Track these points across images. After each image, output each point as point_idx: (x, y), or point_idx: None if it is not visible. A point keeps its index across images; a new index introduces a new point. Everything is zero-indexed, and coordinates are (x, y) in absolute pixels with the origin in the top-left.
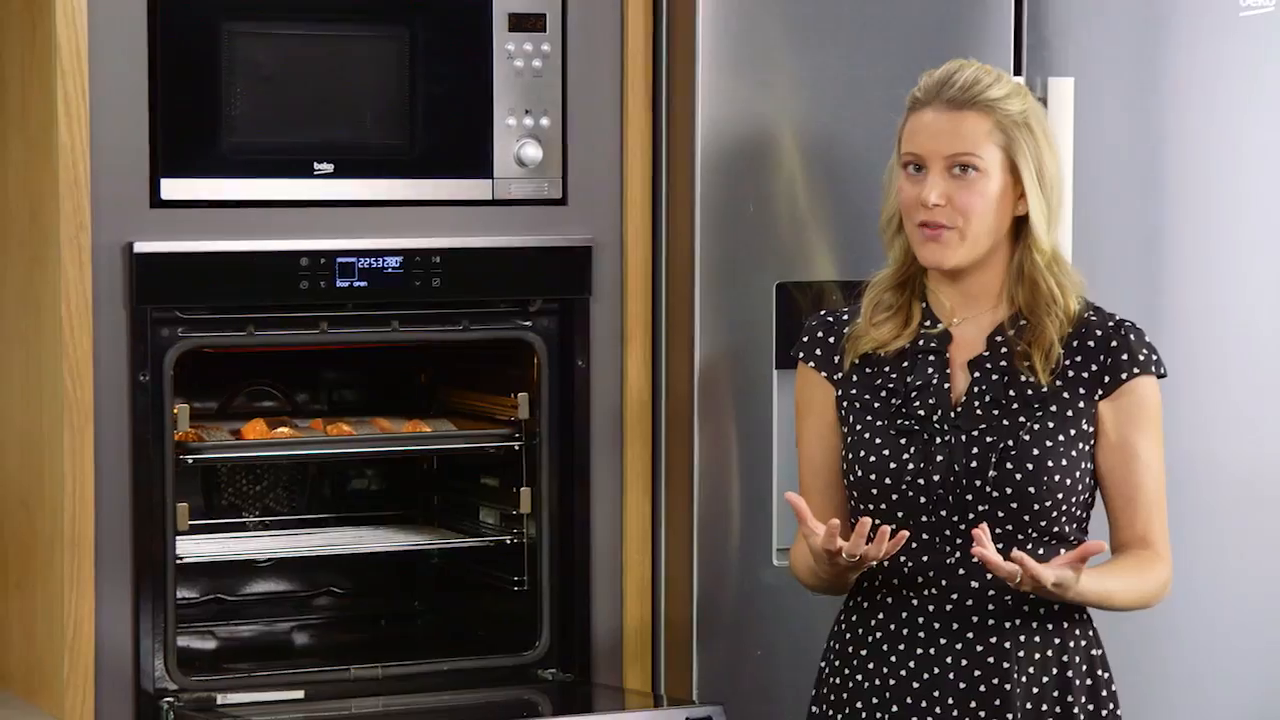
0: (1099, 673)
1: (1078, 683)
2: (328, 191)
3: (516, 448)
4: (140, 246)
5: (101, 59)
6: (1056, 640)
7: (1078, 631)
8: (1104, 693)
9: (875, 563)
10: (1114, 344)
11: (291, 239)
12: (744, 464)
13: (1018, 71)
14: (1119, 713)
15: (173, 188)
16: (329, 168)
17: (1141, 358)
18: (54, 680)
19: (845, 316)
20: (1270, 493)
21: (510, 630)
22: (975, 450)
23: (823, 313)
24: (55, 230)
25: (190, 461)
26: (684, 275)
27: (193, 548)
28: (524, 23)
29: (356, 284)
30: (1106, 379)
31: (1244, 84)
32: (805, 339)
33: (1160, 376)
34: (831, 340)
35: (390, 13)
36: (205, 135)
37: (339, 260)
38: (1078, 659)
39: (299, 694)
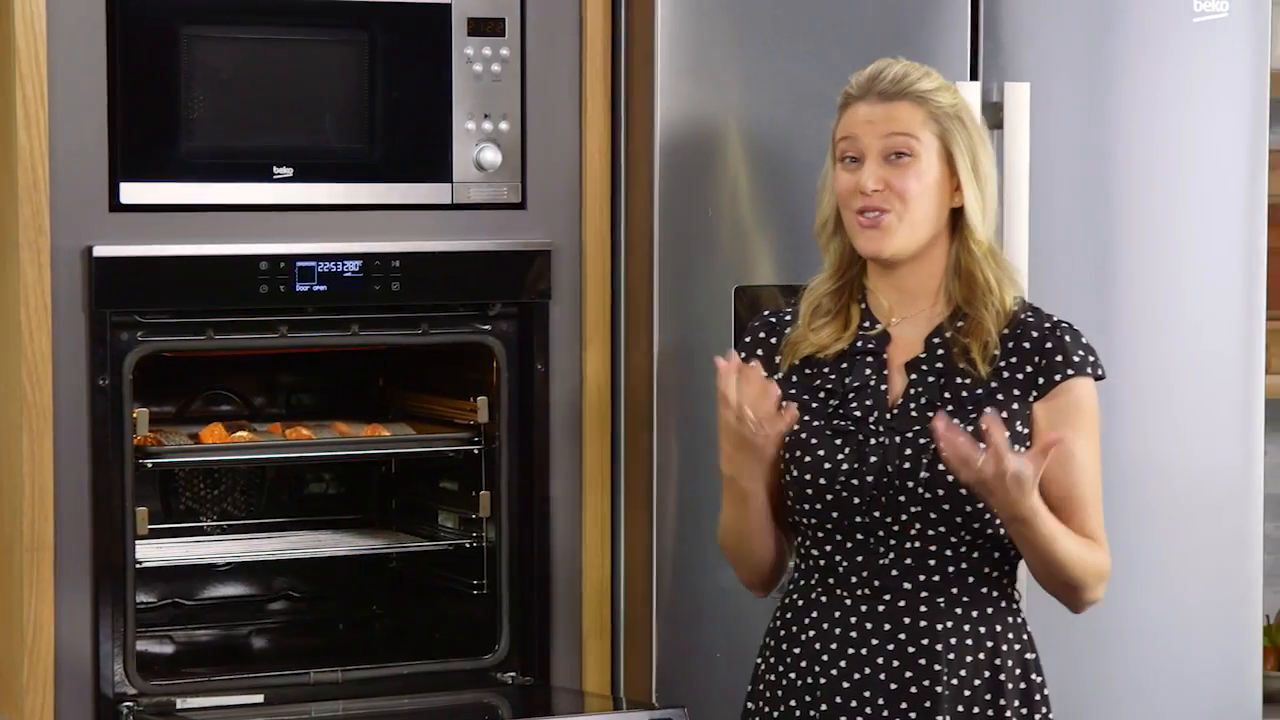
0: (1032, 676)
1: (1010, 686)
2: (287, 195)
3: (476, 451)
4: (100, 250)
5: (60, 63)
6: (989, 643)
7: (1011, 635)
8: (1037, 696)
9: (772, 443)
10: (1049, 345)
11: (251, 243)
12: (703, 466)
13: (974, 76)
14: (1051, 716)
15: (132, 191)
16: (288, 172)
17: (1077, 359)
18: (13, 684)
19: (788, 317)
20: (1217, 498)
21: (469, 634)
22: (909, 451)
23: (765, 313)
24: (14, 234)
25: (150, 465)
26: (643, 279)
27: (152, 552)
28: (483, 27)
29: (316, 288)
30: (1041, 380)
31: (1197, 88)
32: (748, 339)
33: (1098, 378)
34: (774, 341)
35: (350, 17)
36: (164, 139)
37: (298, 264)
38: (1010, 662)
39: (259, 698)
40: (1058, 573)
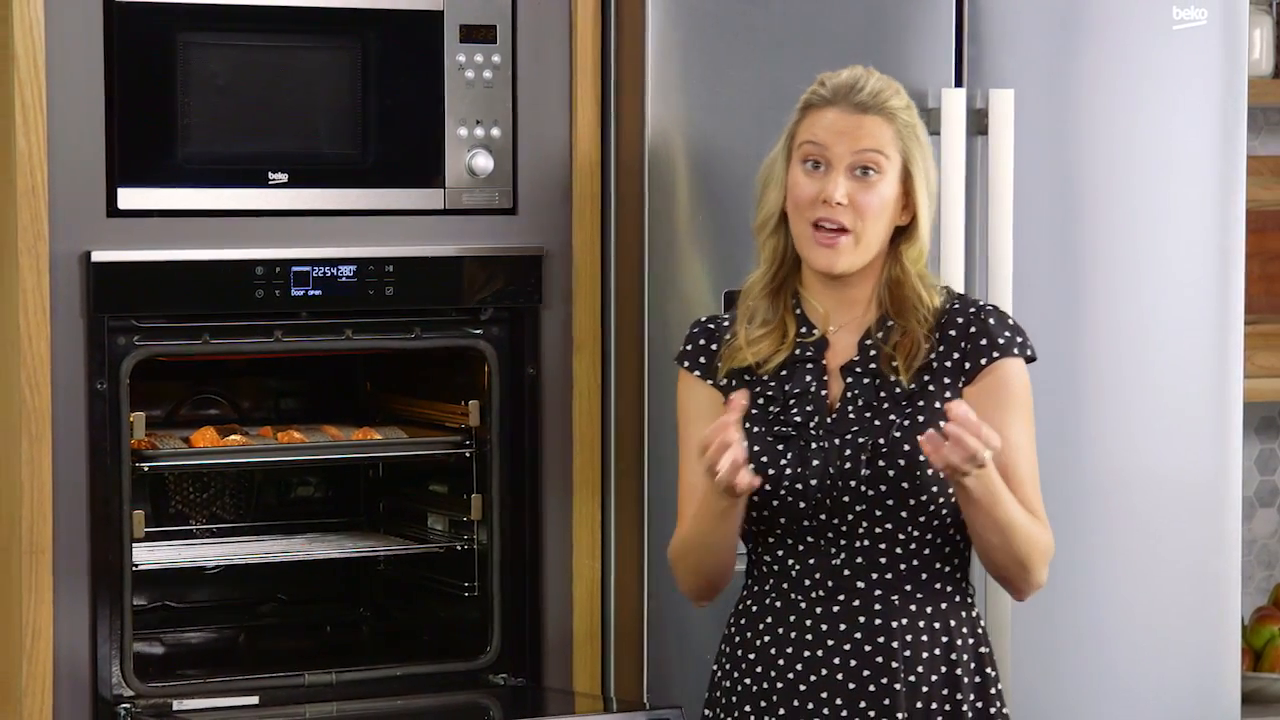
0: (987, 670)
1: (966, 680)
2: (282, 201)
3: (467, 455)
4: (98, 255)
5: (59, 69)
6: (945, 638)
7: (966, 629)
8: (992, 690)
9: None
10: (973, 330)
11: (247, 248)
12: None
13: (959, 83)
14: (1005, 711)
15: (129, 197)
16: (283, 177)
17: (1002, 341)
18: (12, 688)
19: (726, 323)
20: (1195, 500)
21: (461, 636)
22: (848, 452)
23: (704, 319)
24: (13, 239)
25: (146, 469)
26: (633, 283)
27: (147, 555)
28: (474, 34)
29: (311, 293)
30: (968, 365)
31: (1176, 95)
32: (688, 347)
33: (1028, 359)
34: (714, 348)
35: (343, 24)
36: (161, 145)
37: (294, 269)
38: (965, 656)
39: (254, 699)
40: (1009, 540)
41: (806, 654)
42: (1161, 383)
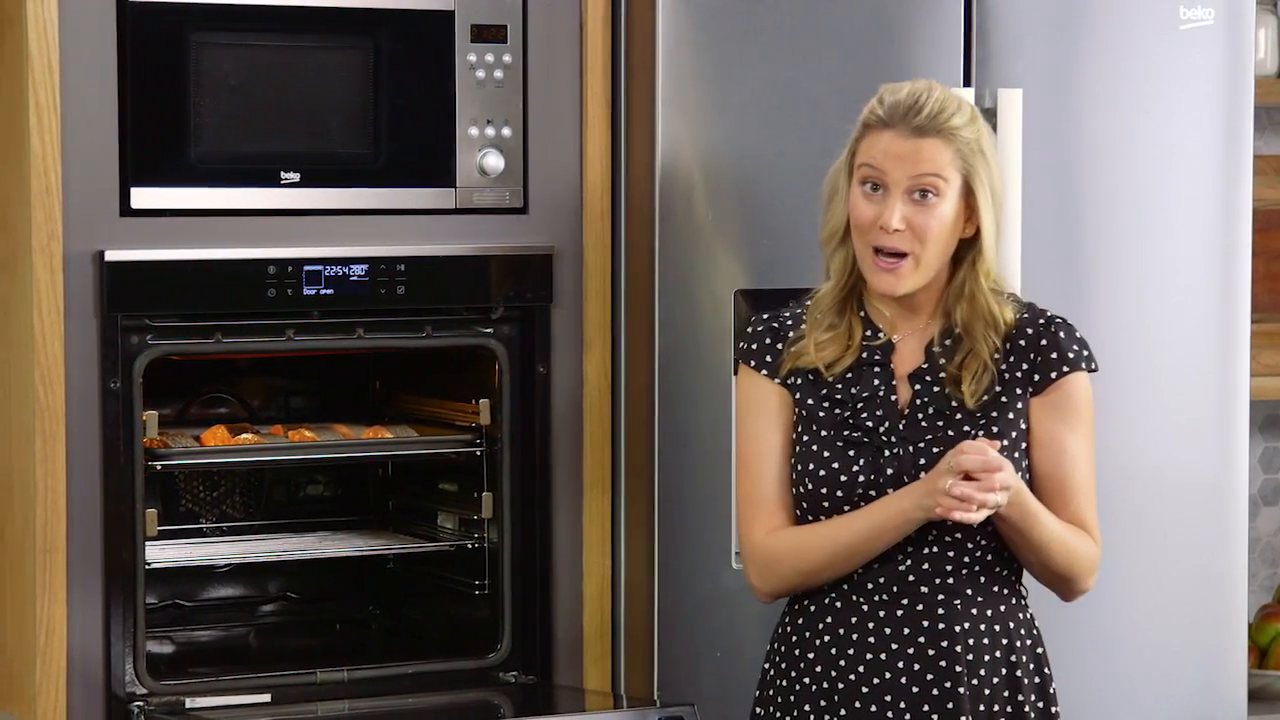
0: (1045, 670)
1: (1027, 682)
2: (294, 200)
3: (478, 453)
4: (111, 255)
5: (72, 69)
6: (1005, 640)
7: (1024, 630)
8: (1050, 690)
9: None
10: (1044, 342)
11: (259, 247)
12: (703, 468)
13: (967, 83)
14: (1059, 712)
15: (142, 196)
16: (295, 177)
17: (1071, 355)
18: (26, 685)
19: (789, 321)
20: (1202, 499)
21: (471, 633)
22: (923, 461)
23: (765, 316)
24: (27, 238)
25: (159, 468)
26: (644, 282)
27: (159, 553)
28: (485, 34)
29: (323, 292)
30: (1037, 377)
31: (1182, 94)
32: (753, 345)
33: (1091, 371)
34: (779, 346)
35: (355, 24)
36: (174, 145)
37: (306, 268)
38: (1025, 658)
39: (266, 697)
40: (1046, 558)
41: (869, 656)
42: (1166, 381)
